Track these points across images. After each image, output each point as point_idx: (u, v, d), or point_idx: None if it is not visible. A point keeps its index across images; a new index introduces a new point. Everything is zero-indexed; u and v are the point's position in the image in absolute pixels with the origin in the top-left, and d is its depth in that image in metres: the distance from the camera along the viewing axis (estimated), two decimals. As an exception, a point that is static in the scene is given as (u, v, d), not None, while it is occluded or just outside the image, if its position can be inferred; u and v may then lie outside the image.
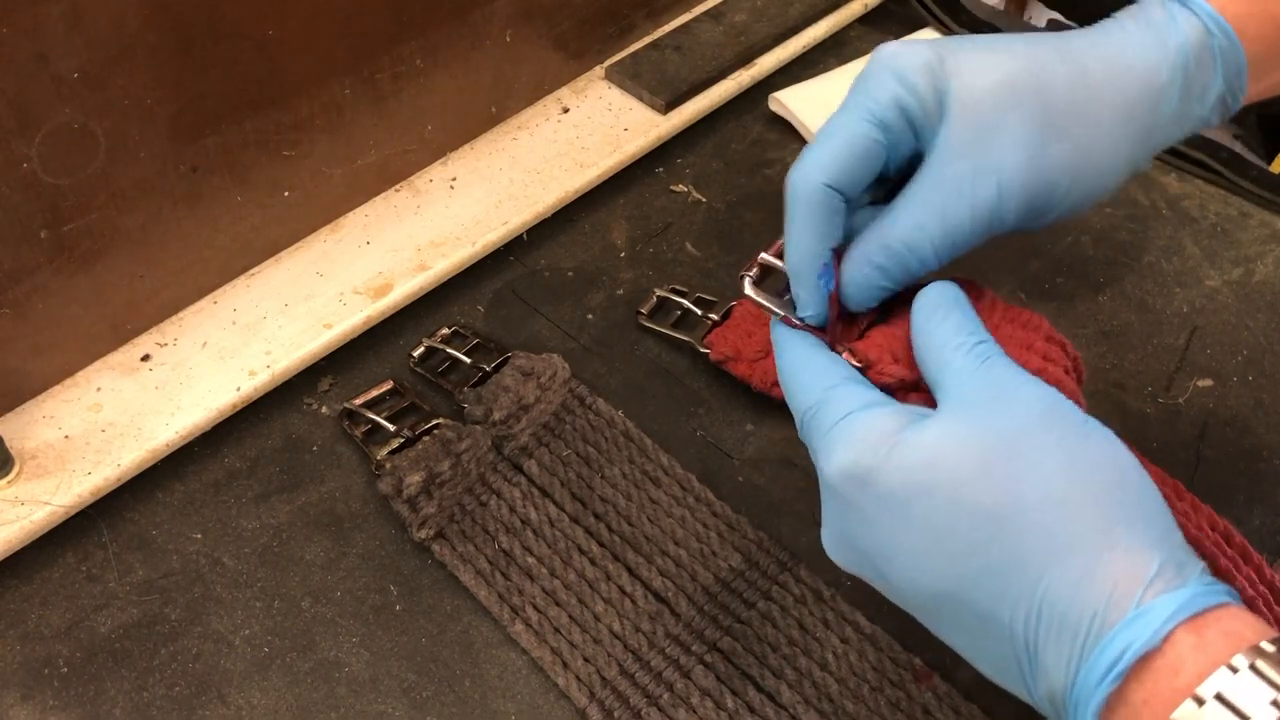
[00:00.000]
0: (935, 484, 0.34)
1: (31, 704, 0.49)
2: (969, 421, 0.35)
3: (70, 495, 0.53)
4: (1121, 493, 0.34)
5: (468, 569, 0.53)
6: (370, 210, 0.67)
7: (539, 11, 0.69)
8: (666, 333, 0.63)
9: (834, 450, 0.37)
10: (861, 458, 0.36)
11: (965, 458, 0.34)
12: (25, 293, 0.53)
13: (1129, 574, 0.32)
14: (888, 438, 0.35)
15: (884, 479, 0.35)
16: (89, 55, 0.49)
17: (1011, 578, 0.33)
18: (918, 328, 0.39)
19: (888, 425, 0.36)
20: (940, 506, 0.34)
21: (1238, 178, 0.72)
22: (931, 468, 0.34)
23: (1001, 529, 0.33)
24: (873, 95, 0.40)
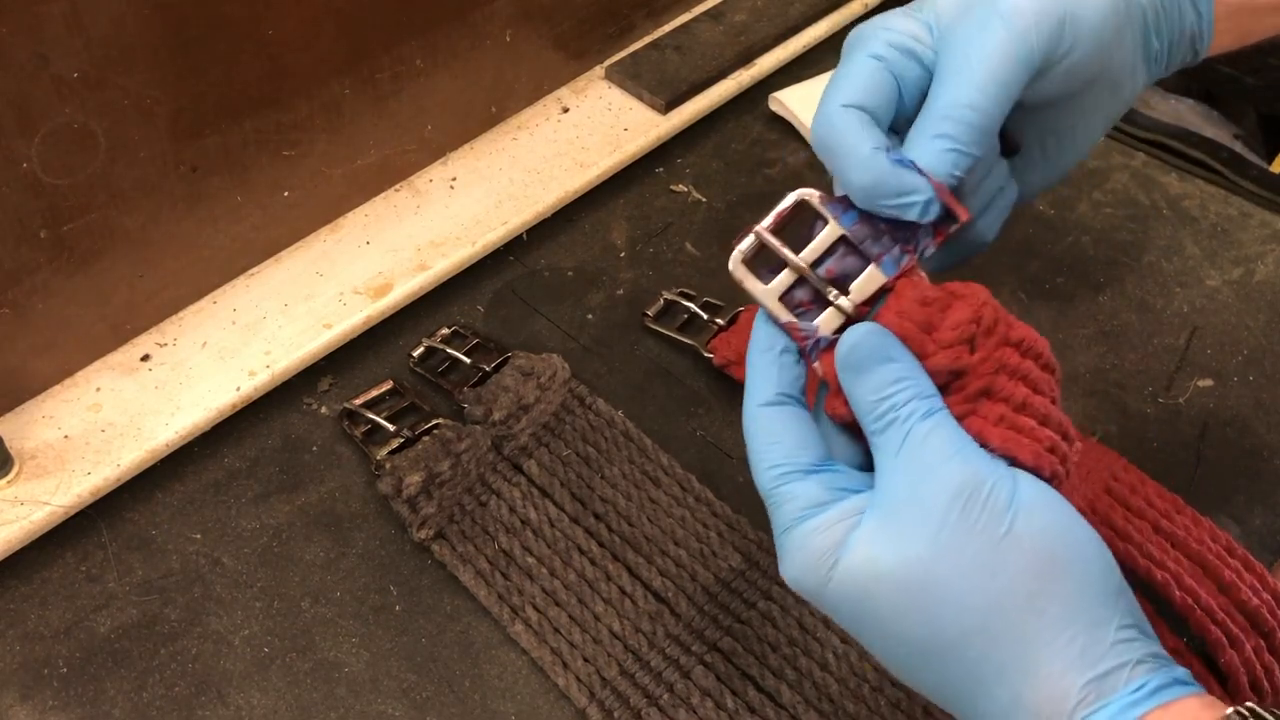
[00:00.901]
0: (868, 615, 0.35)
1: (31, 704, 0.49)
2: (889, 538, 0.35)
3: (70, 495, 0.53)
4: (1044, 597, 0.33)
5: (468, 569, 0.53)
6: (370, 210, 0.67)
7: (539, 11, 0.69)
8: (671, 335, 0.63)
9: (783, 559, 0.37)
10: (803, 579, 0.36)
11: (887, 591, 0.34)
12: (25, 293, 0.53)
13: (1049, 704, 0.33)
14: (824, 561, 0.36)
15: (826, 602, 0.36)
16: (89, 55, 0.49)
17: (953, 698, 0.35)
18: (844, 386, 0.38)
19: (822, 544, 0.36)
20: (877, 635, 0.35)
21: (1238, 178, 0.72)
22: (862, 600, 0.35)
23: (929, 660, 0.35)
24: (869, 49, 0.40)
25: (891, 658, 0.36)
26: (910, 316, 0.38)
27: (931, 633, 0.34)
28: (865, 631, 0.36)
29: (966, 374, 0.37)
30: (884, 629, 0.35)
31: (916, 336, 0.37)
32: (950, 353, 0.37)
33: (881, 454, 0.36)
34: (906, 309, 0.38)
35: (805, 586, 0.37)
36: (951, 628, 0.34)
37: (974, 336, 0.37)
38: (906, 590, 0.34)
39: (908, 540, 0.34)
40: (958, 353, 0.37)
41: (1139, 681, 0.33)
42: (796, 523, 0.37)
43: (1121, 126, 0.76)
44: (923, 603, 0.34)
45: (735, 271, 0.40)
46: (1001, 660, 0.33)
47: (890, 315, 0.38)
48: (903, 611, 0.34)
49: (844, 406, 0.38)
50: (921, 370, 0.37)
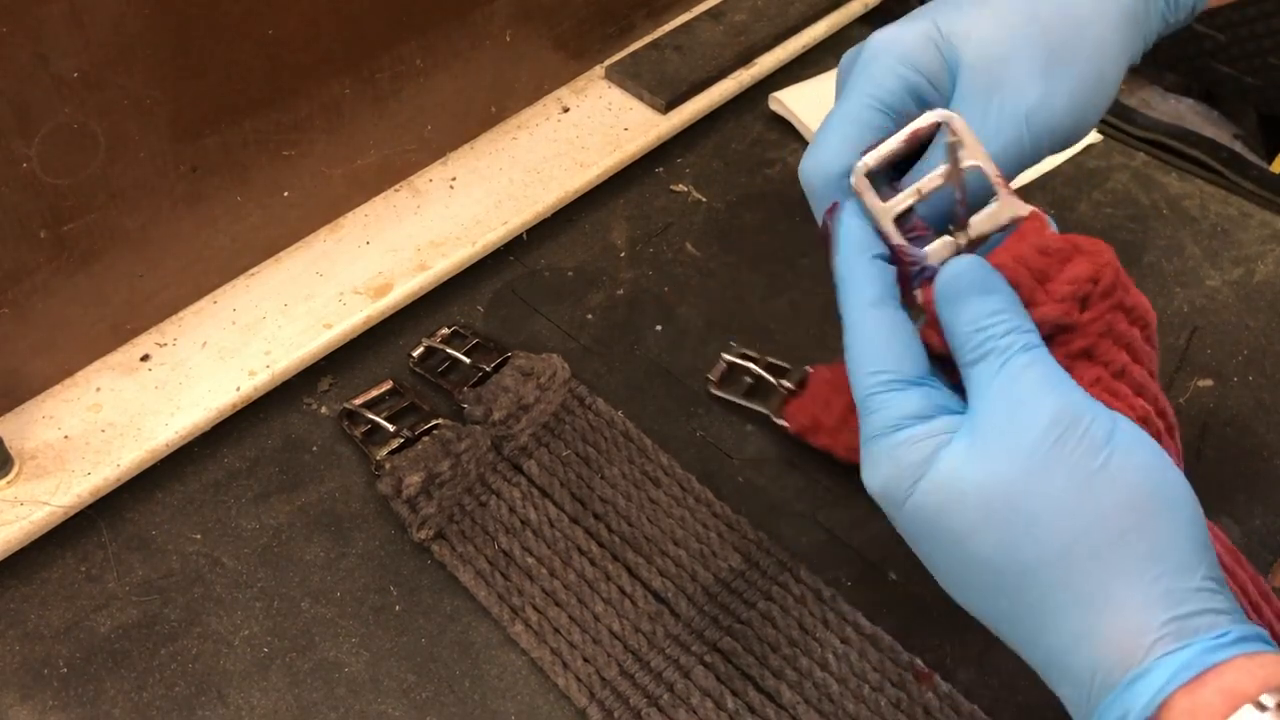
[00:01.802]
0: (943, 532, 0.35)
1: (31, 704, 0.49)
2: (977, 459, 0.34)
3: (70, 495, 0.53)
4: (1135, 533, 0.33)
5: (467, 569, 0.53)
6: (370, 210, 0.67)
7: (539, 11, 0.69)
8: (741, 403, 0.60)
9: (868, 466, 0.37)
10: (886, 489, 0.36)
11: (968, 510, 0.34)
12: (25, 293, 0.53)
13: (1127, 637, 0.32)
14: (908, 474, 0.35)
15: (903, 516, 0.36)
16: (89, 55, 0.49)
17: (1019, 626, 0.34)
18: (941, 315, 0.37)
19: (910, 457, 0.36)
20: (950, 553, 0.35)
21: (1238, 178, 0.72)
22: (939, 517, 0.35)
23: (1002, 582, 0.34)
24: (878, 82, 0.40)
25: (959, 580, 0.35)
26: (1027, 262, 0.36)
27: (1009, 555, 0.33)
28: (938, 550, 0.35)
29: (1072, 331, 0.36)
30: (960, 548, 0.34)
31: (1028, 284, 0.36)
32: (1060, 307, 0.36)
33: (976, 384, 0.36)
34: (1025, 254, 0.37)
35: (887, 497, 0.36)
36: (1031, 551, 0.33)
37: (1089, 295, 0.36)
38: (989, 509, 0.34)
39: (997, 461, 0.34)
40: (1068, 308, 0.36)
41: (1222, 630, 0.32)
42: (889, 431, 0.36)
43: (1121, 126, 0.76)
44: (1005, 522, 0.33)
45: (857, 183, 0.38)
46: (1079, 589, 0.33)
47: (1005, 257, 0.37)
48: (981, 530, 0.34)
49: (939, 337, 0.37)
50: (1022, 309, 0.36)
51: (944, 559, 0.36)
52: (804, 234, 0.70)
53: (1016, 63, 0.40)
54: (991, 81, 0.40)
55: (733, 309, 0.65)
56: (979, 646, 0.51)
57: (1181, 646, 0.31)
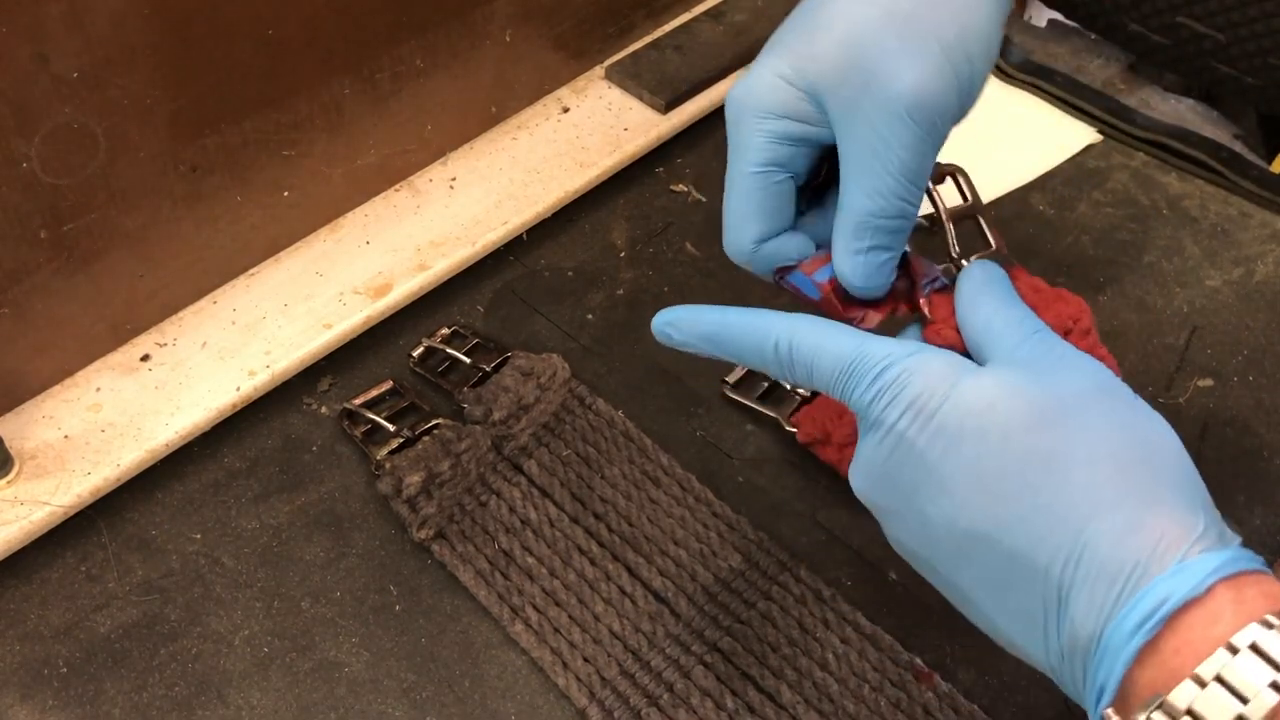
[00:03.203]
0: (992, 427, 0.35)
1: (31, 704, 0.49)
2: (1025, 377, 0.36)
3: (70, 495, 0.53)
4: (1170, 465, 0.34)
5: (468, 569, 0.53)
6: (370, 210, 0.67)
7: (539, 11, 0.69)
8: (753, 406, 0.60)
9: (896, 386, 0.37)
10: (924, 393, 0.36)
11: (1022, 407, 0.35)
12: (25, 293, 0.53)
13: (1174, 531, 0.32)
14: (946, 378, 0.36)
15: (943, 417, 0.35)
16: (89, 55, 0.49)
17: (1055, 522, 0.33)
18: (965, 302, 0.39)
19: (944, 368, 0.36)
20: (994, 449, 0.35)
21: (1238, 178, 0.72)
22: (990, 411, 0.35)
23: (1052, 475, 0.34)
24: (751, 147, 0.41)
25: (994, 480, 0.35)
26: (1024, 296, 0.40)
27: (1062, 448, 0.34)
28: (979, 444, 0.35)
29: None
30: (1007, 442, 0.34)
31: None
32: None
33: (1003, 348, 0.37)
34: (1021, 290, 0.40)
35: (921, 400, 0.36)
36: (1083, 449, 0.34)
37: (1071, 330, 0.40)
38: (1044, 411, 0.34)
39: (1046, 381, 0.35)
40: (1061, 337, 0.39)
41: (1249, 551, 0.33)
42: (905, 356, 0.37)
43: (1121, 126, 0.76)
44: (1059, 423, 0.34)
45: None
46: (1130, 485, 0.33)
47: None
48: (1036, 426, 0.34)
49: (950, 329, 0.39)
50: None
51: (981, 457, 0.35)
52: (804, 234, 0.69)
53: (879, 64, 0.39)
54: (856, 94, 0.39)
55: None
56: (979, 647, 0.51)
57: (1223, 548, 0.32)
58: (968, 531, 0.35)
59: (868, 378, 0.37)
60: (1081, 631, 0.33)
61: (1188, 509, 0.33)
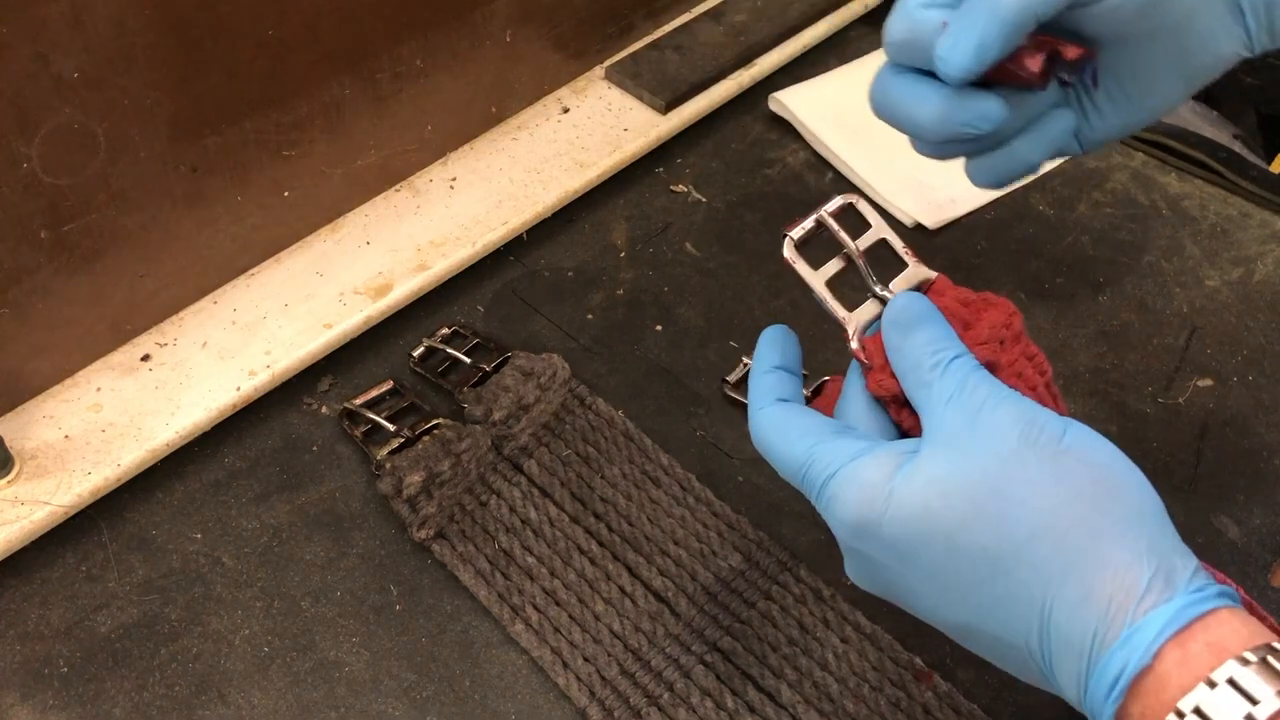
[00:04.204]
0: (932, 533, 0.36)
1: (31, 704, 0.49)
2: (951, 460, 0.36)
3: (70, 495, 0.53)
4: (1108, 501, 0.35)
5: (468, 569, 0.53)
6: (370, 210, 0.67)
7: (539, 11, 0.69)
8: None
9: (833, 507, 0.38)
10: (859, 513, 0.37)
11: (954, 503, 0.35)
12: (25, 293, 0.53)
13: (1120, 592, 0.33)
14: (880, 489, 0.37)
15: (884, 532, 0.37)
16: (89, 55, 0.49)
17: (1017, 608, 0.35)
18: (890, 346, 0.40)
19: (877, 476, 0.37)
20: (941, 552, 0.36)
21: (1238, 178, 0.72)
22: (925, 517, 0.36)
23: (998, 566, 0.35)
24: None
25: (948, 582, 0.36)
26: (952, 311, 0.40)
27: (1001, 537, 0.35)
28: (925, 553, 0.36)
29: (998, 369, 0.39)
30: (950, 543, 0.35)
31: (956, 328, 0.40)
32: (987, 348, 0.39)
33: (931, 402, 0.38)
34: (949, 305, 0.41)
35: (864, 518, 0.37)
36: (1021, 529, 0.34)
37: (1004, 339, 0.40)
38: (974, 500, 0.35)
39: (973, 457, 0.36)
40: (993, 348, 0.40)
41: (1198, 584, 0.33)
42: (843, 465, 0.38)
43: (1121, 126, 0.76)
44: (993, 509, 0.35)
45: (789, 254, 0.43)
46: (1071, 554, 0.34)
47: None
48: (970, 521, 0.35)
49: (888, 378, 0.39)
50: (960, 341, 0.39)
51: (933, 564, 0.36)
52: (804, 234, 0.70)
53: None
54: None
55: (733, 309, 0.65)
56: (979, 646, 0.51)
57: (1169, 599, 0.33)
58: (949, 623, 0.38)
59: (813, 491, 0.39)
60: (1072, 695, 0.35)
61: (1131, 559, 0.34)
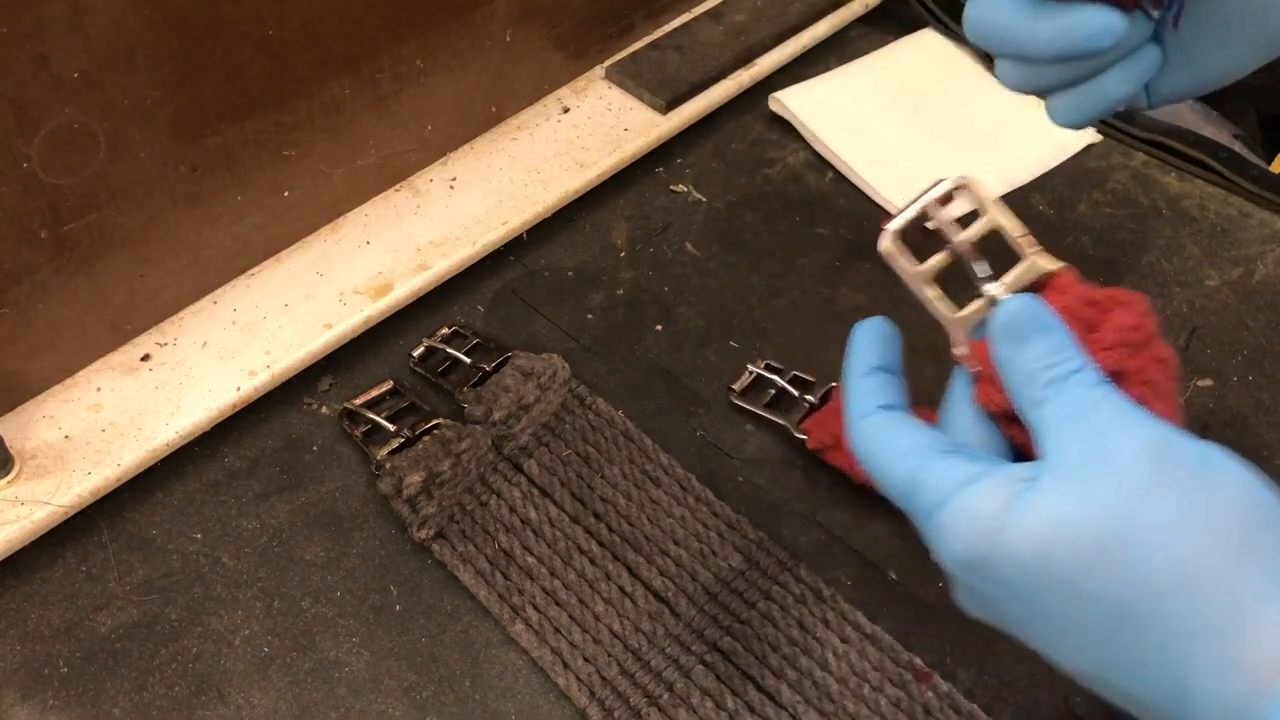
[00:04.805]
0: (1051, 579, 0.32)
1: (31, 704, 0.49)
2: (1072, 496, 0.32)
3: (70, 495, 0.53)
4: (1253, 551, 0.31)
5: (468, 569, 0.53)
6: (370, 210, 0.67)
7: (539, 11, 0.69)
8: (760, 414, 0.59)
9: (942, 539, 0.34)
10: (971, 549, 0.33)
11: (1076, 547, 0.31)
12: (25, 293, 0.53)
13: (1266, 661, 0.29)
14: (993, 524, 0.33)
15: (998, 572, 0.33)
16: (89, 55, 0.49)
17: (1149, 667, 0.31)
18: (999, 358, 0.36)
19: (990, 508, 0.33)
20: (1061, 599, 0.32)
21: (1238, 178, 0.72)
22: (1043, 561, 0.32)
23: (1127, 621, 0.31)
24: None
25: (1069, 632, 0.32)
26: (1075, 313, 0.36)
27: (1129, 589, 0.31)
28: (1044, 601, 0.32)
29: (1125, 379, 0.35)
30: (1071, 591, 0.31)
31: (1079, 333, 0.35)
32: (1114, 354, 0.35)
33: (1049, 423, 0.34)
34: (1071, 305, 0.36)
35: (975, 557, 0.33)
36: (1153, 581, 0.30)
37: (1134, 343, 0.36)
38: (1099, 545, 0.31)
39: (1097, 494, 0.31)
40: (1120, 355, 0.35)
41: None
42: (953, 492, 0.34)
43: (1121, 126, 0.76)
44: (1120, 557, 0.31)
45: (887, 248, 0.38)
46: (1210, 614, 0.30)
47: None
48: (1095, 568, 0.31)
49: (997, 391, 0.35)
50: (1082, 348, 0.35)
51: (1052, 610, 0.32)
52: (804, 234, 0.70)
53: None
54: None
55: (733, 309, 0.65)
56: (979, 646, 0.51)
57: None
58: (1075, 672, 0.34)
59: (919, 517, 0.35)
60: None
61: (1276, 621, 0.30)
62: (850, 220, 0.70)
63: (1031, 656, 0.50)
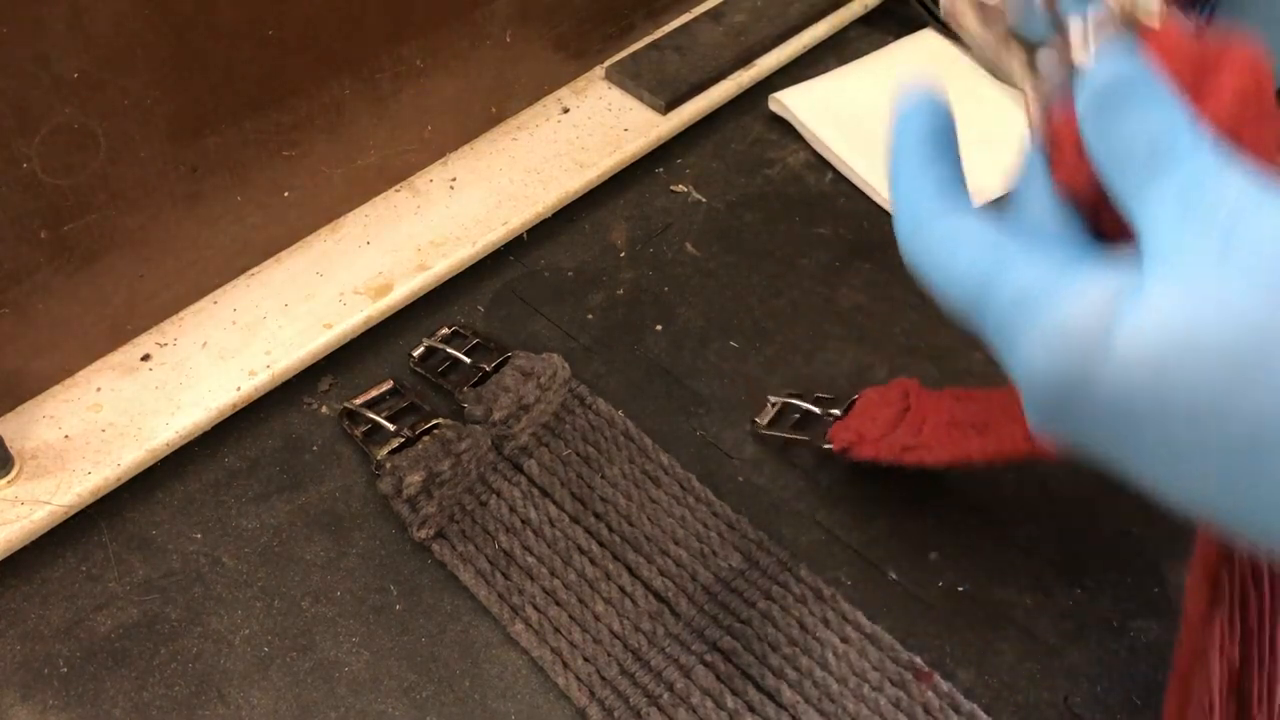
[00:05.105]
0: (1169, 402, 0.26)
1: (31, 704, 0.49)
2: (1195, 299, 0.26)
3: (70, 495, 0.53)
4: None
5: (468, 569, 0.53)
6: (370, 210, 0.67)
7: (539, 11, 0.69)
8: (786, 436, 0.58)
9: (1024, 355, 0.29)
10: (1067, 370, 0.28)
11: (1203, 362, 0.26)
12: (25, 293, 0.53)
13: None
14: (1094, 336, 0.27)
15: (1099, 394, 0.27)
16: (89, 55, 0.49)
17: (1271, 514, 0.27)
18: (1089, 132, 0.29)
19: (1088, 316, 0.27)
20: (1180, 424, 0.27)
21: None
22: (1159, 380, 0.26)
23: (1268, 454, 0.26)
24: None
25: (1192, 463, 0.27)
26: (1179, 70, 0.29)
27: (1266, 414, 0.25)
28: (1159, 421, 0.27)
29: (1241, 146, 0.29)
30: (1195, 416, 0.26)
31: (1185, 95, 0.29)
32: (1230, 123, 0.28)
33: (1153, 213, 0.27)
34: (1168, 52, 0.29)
35: (1069, 378, 0.28)
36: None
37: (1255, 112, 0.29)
38: (1233, 360, 0.25)
39: (1229, 296, 0.25)
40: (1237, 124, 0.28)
41: None
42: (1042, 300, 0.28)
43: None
44: (1260, 375, 0.25)
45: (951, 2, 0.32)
46: None
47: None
48: (1227, 388, 0.25)
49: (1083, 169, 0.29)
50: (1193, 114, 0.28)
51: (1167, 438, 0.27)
52: (804, 234, 0.70)
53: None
54: None
55: (733, 309, 0.65)
56: (979, 646, 0.51)
57: None
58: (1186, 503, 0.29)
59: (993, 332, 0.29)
60: None
61: None
62: (850, 220, 0.70)
63: (1032, 656, 0.50)
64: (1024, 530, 0.55)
